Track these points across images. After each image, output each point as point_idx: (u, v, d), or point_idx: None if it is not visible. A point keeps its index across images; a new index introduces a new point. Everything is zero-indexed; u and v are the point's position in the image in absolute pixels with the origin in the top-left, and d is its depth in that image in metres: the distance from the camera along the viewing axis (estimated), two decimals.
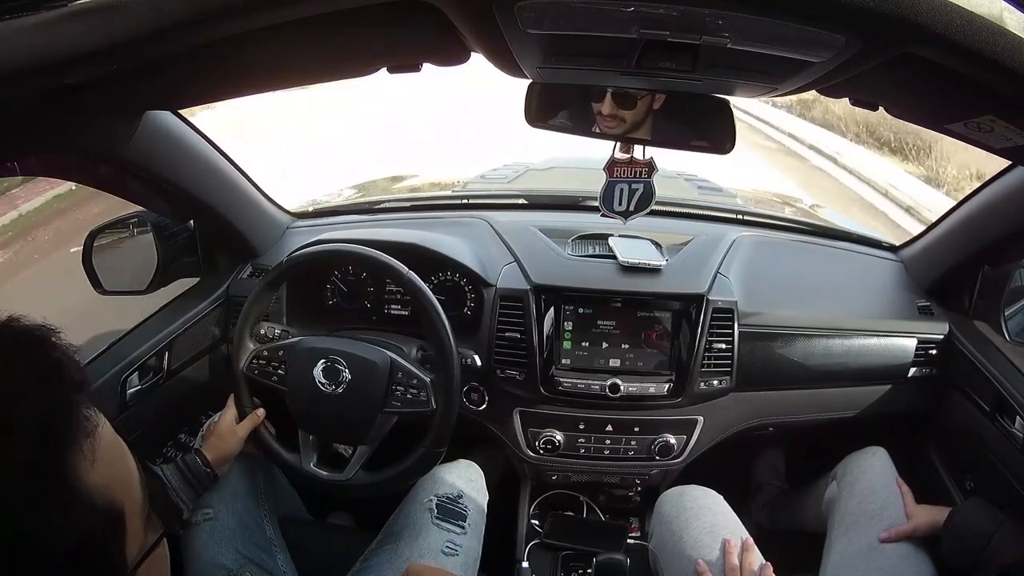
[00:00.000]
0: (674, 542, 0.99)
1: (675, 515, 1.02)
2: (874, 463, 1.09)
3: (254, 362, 1.05)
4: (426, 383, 1.01)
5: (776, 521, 1.40)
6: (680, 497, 1.06)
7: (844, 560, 0.99)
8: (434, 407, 1.01)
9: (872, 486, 1.05)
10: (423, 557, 0.95)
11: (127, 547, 0.42)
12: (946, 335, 1.20)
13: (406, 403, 1.01)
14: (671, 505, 1.05)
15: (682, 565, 0.96)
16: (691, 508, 1.02)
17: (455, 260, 1.20)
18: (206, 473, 0.96)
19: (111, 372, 1.02)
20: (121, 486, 0.43)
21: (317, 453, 1.07)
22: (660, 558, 1.02)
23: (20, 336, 0.41)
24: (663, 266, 1.16)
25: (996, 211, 1.10)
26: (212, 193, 1.13)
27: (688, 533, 0.98)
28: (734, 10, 0.50)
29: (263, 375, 1.05)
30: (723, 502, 1.04)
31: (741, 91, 0.80)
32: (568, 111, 0.92)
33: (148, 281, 1.12)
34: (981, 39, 0.48)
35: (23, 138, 0.73)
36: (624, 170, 0.99)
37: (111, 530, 0.41)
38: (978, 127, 0.63)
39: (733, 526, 0.99)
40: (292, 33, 0.59)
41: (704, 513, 1.01)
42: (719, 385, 1.15)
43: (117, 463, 0.43)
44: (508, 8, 0.52)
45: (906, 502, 1.01)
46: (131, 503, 0.43)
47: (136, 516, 0.44)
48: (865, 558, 0.97)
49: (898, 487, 1.04)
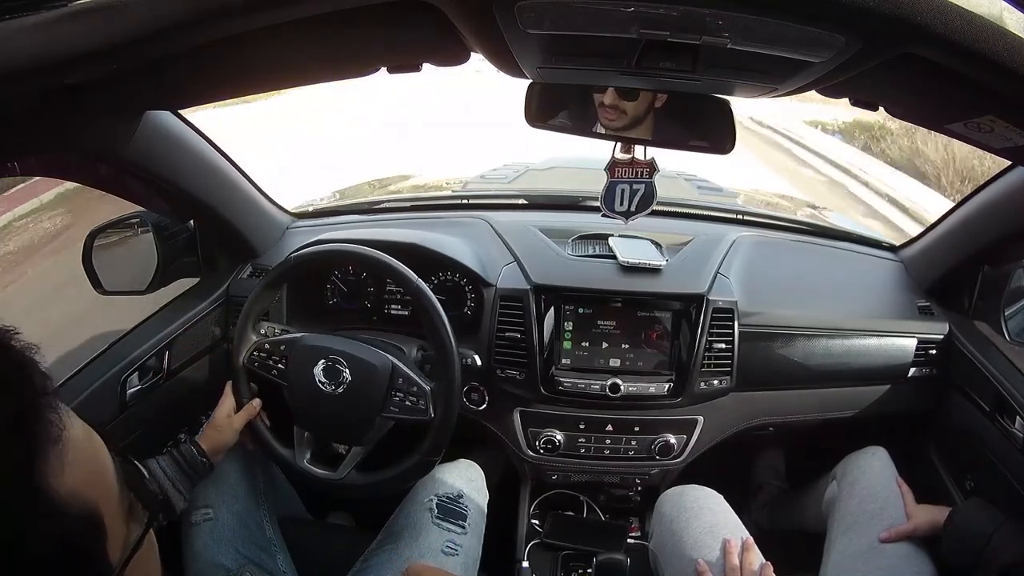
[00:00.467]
0: (674, 542, 0.99)
1: (675, 515, 1.02)
2: (874, 463, 1.09)
3: (255, 354, 1.05)
4: (426, 392, 1.01)
5: (776, 521, 1.40)
6: (680, 497, 1.06)
7: (844, 560, 0.99)
8: (432, 416, 1.01)
9: (872, 486, 1.05)
10: (423, 557, 0.95)
11: (108, 548, 0.41)
12: (946, 335, 1.19)
13: (404, 409, 1.01)
14: (671, 505, 1.05)
15: (682, 565, 0.96)
16: (691, 508, 1.02)
17: (455, 260, 1.20)
18: (201, 463, 0.95)
19: (111, 372, 1.02)
20: (95, 486, 0.41)
21: (311, 450, 1.07)
22: (660, 558, 1.02)
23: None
24: (663, 266, 1.16)
25: (996, 211, 1.10)
26: (212, 193, 1.13)
27: (688, 533, 0.98)
28: (734, 10, 0.50)
29: (263, 367, 1.05)
30: (723, 502, 1.04)
31: (741, 91, 0.80)
32: (568, 111, 0.92)
33: (148, 281, 1.12)
34: (981, 39, 0.48)
35: (23, 138, 0.73)
36: (625, 170, 0.99)
37: (90, 534, 0.40)
38: (978, 127, 0.63)
39: (733, 526, 0.99)
40: (292, 33, 0.59)
41: (704, 513, 1.01)
42: (719, 385, 1.15)
43: (89, 462, 0.42)
44: (508, 8, 0.52)
45: (906, 502, 1.01)
46: (107, 501, 0.42)
47: (115, 514, 0.43)
48: (865, 558, 0.97)
49: (898, 487, 1.04)
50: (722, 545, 0.94)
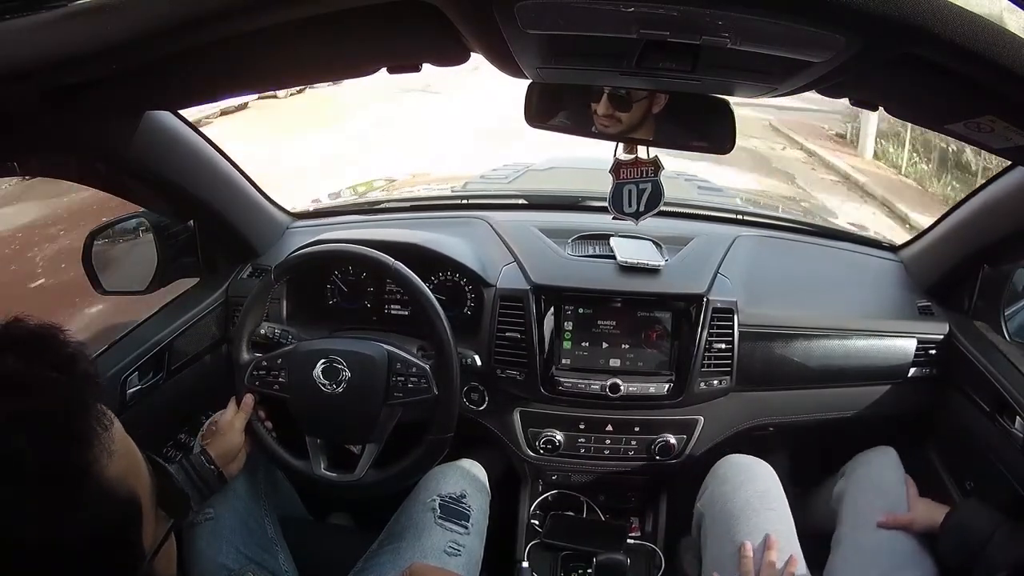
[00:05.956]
0: (723, 501, 1.04)
1: (730, 476, 1.07)
2: (885, 461, 1.11)
3: (254, 373, 1.04)
4: (425, 369, 1.02)
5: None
6: (737, 462, 1.11)
7: (851, 555, 1.01)
8: (436, 393, 1.02)
9: (882, 484, 1.07)
10: (426, 557, 0.95)
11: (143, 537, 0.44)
12: (946, 335, 1.19)
13: (407, 392, 1.02)
14: (728, 467, 1.10)
15: (727, 524, 1.00)
16: (746, 472, 1.07)
17: (455, 260, 1.20)
18: (210, 471, 0.94)
19: (111, 372, 1.02)
20: (135, 477, 0.44)
21: (327, 457, 1.07)
22: (706, 516, 1.06)
23: (32, 333, 0.42)
24: (663, 266, 1.16)
25: (996, 211, 1.10)
26: (212, 193, 1.13)
27: (740, 494, 1.03)
28: (734, 10, 0.50)
29: (264, 385, 1.04)
30: (774, 474, 1.08)
31: (741, 91, 0.80)
32: (568, 111, 0.92)
33: (148, 281, 1.12)
34: (981, 39, 0.48)
35: (23, 138, 0.73)
36: (630, 171, 0.99)
37: (130, 520, 0.42)
38: (978, 127, 0.63)
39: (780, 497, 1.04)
40: (292, 33, 0.59)
41: (758, 480, 1.06)
42: (719, 385, 1.15)
43: (129, 454, 0.44)
44: (508, 8, 0.52)
45: (910, 495, 1.03)
46: (144, 493, 0.44)
47: (149, 506, 0.45)
48: (871, 554, 0.99)
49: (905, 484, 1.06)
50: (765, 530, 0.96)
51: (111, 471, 0.41)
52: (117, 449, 0.42)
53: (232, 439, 1.00)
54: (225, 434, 1.00)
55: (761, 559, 0.93)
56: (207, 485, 0.94)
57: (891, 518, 1.00)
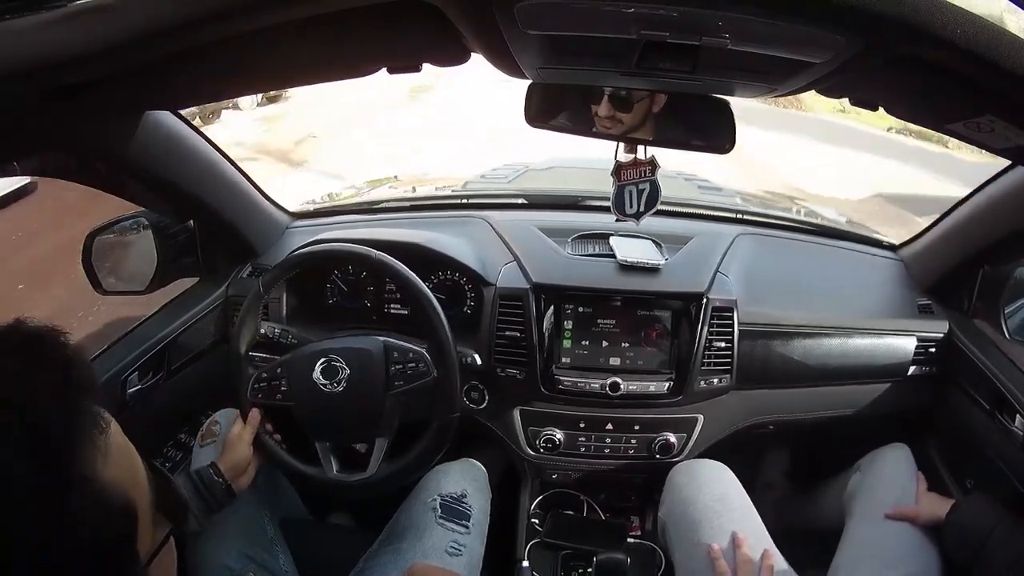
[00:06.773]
0: (683, 507, 1.04)
1: (686, 483, 1.08)
2: (899, 457, 1.13)
3: (256, 387, 1.04)
4: (422, 353, 1.02)
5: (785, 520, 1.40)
6: (692, 467, 1.12)
7: (859, 547, 1.02)
8: (435, 374, 1.02)
9: (896, 479, 1.08)
10: (427, 557, 0.95)
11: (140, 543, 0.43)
12: (946, 333, 1.20)
13: (408, 378, 1.02)
14: (683, 474, 1.11)
15: (690, 531, 1.00)
16: (702, 477, 1.08)
17: (455, 259, 1.20)
18: (219, 484, 0.93)
19: (111, 372, 1.02)
20: (132, 481, 0.43)
21: (338, 459, 1.07)
22: (669, 524, 1.06)
23: (31, 336, 0.42)
24: (662, 265, 1.16)
25: (996, 211, 1.10)
26: (212, 193, 1.13)
27: (699, 499, 1.03)
28: (734, 11, 0.50)
29: (268, 396, 1.04)
30: (732, 475, 1.09)
31: (741, 91, 0.80)
32: (568, 111, 0.92)
33: (148, 281, 1.12)
34: (981, 39, 0.48)
35: (23, 138, 0.73)
36: (630, 172, 1.00)
37: (126, 527, 0.42)
38: (978, 127, 0.63)
39: (741, 497, 1.05)
40: (292, 33, 0.59)
41: (714, 483, 1.06)
42: (719, 383, 1.15)
43: (126, 458, 0.44)
44: (508, 8, 0.52)
45: (918, 489, 1.05)
46: (141, 498, 0.44)
47: (146, 512, 0.45)
48: (878, 546, 1.00)
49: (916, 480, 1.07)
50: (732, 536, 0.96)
51: (106, 475, 0.40)
52: (113, 452, 0.42)
53: (241, 452, 0.99)
54: (234, 448, 0.99)
55: (734, 558, 0.93)
56: (215, 498, 0.93)
57: (897, 510, 1.02)
